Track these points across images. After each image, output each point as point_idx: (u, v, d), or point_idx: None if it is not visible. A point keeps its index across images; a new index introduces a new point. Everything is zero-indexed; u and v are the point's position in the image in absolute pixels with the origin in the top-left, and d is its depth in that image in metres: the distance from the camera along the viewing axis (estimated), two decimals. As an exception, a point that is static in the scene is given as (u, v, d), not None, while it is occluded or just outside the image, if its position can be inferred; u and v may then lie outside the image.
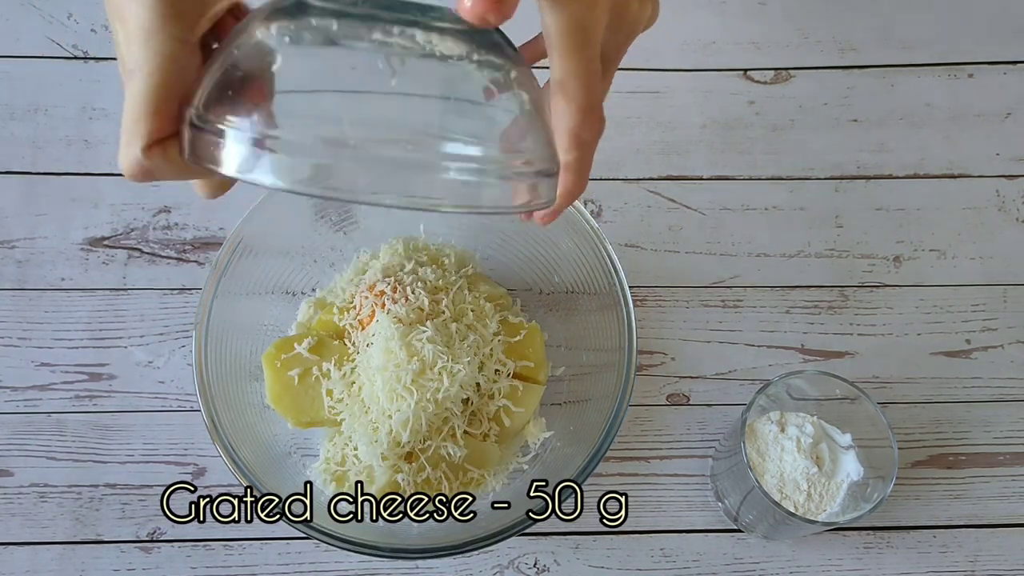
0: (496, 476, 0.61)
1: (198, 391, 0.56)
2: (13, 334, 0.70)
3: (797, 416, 0.64)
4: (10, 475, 0.66)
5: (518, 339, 0.62)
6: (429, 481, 0.59)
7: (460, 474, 0.60)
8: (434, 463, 0.59)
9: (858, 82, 0.81)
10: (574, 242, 0.62)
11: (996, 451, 0.69)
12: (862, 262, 0.75)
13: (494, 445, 0.62)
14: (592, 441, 0.56)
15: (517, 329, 0.63)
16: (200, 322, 0.57)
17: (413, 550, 0.53)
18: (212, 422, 0.55)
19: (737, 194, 0.76)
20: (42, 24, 0.80)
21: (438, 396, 0.57)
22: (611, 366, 0.59)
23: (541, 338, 0.64)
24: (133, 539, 0.65)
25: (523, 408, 0.61)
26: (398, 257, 0.64)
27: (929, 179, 0.78)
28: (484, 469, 0.61)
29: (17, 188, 0.74)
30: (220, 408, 0.56)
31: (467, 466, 0.60)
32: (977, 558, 0.66)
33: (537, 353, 0.63)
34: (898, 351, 0.72)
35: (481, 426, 0.61)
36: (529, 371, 0.63)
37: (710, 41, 0.81)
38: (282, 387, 0.60)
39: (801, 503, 0.60)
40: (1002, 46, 0.82)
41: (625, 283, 0.60)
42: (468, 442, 0.60)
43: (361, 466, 0.58)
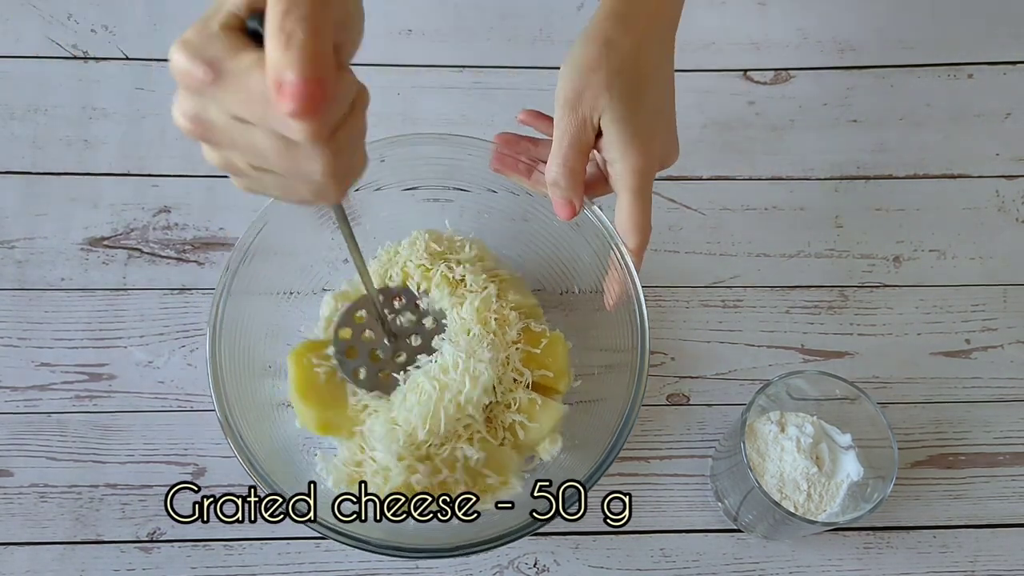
0: (514, 482, 0.60)
1: (212, 390, 0.55)
2: (13, 334, 0.70)
3: (797, 416, 0.64)
4: (10, 475, 0.66)
5: (539, 349, 0.61)
6: (445, 484, 0.58)
7: (478, 480, 0.59)
8: (450, 465, 0.58)
9: (858, 82, 0.81)
10: (588, 243, 0.62)
11: (996, 451, 0.69)
12: (862, 262, 0.75)
13: (512, 451, 0.61)
14: (603, 443, 0.55)
15: (539, 338, 0.62)
16: (214, 322, 0.57)
17: (414, 549, 0.52)
18: (226, 419, 0.55)
19: (737, 194, 0.76)
20: (42, 24, 0.80)
21: (460, 399, 0.57)
22: (623, 367, 0.58)
23: (564, 348, 0.63)
24: (133, 539, 0.65)
25: (538, 424, 0.60)
26: (419, 256, 0.64)
27: (929, 179, 0.78)
28: (502, 475, 0.59)
29: (17, 188, 0.74)
30: (233, 406, 0.56)
31: (485, 471, 0.59)
32: (977, 558, 0.66)
33: (558, 363, 0.62)
34: (898, 351, 0.72)
35: (497, 434, 0.60)
36: (548, 381, 0.61)
37: (710, 41, 0.81)
38: (307, 384, 0.60)
39: (801, 503, 0.60)
40: (1002, 46, 0.82)
41: (639, 284, 0.58)
42: (485, 446, 0.59)
43: (377, 466, 0.58)
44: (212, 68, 0.35)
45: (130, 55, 0.79)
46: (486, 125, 0.77)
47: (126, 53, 0.79)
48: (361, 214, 0.66)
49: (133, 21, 0.80)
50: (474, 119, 0.78)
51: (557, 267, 0.67)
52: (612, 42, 0.52)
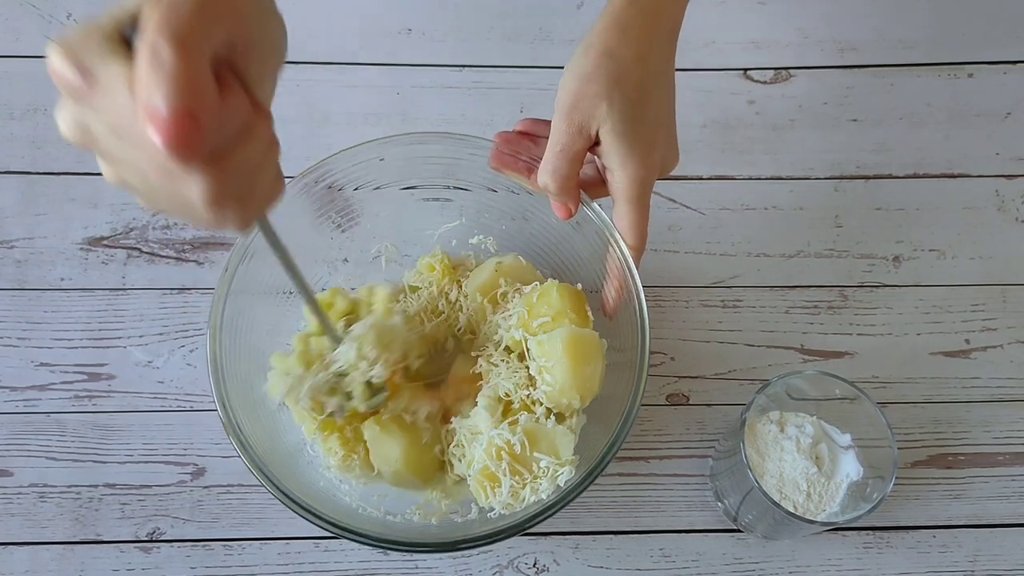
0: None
1: (213, 390, 0.55)
2: (13, 334, 0.70)
3: (797, 416, 0.64)
4: (10, 475, 0.66)
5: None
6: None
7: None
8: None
9: (858, 82, 0.81)
10: (589, 242, 0.61)
11: (995, 451, 0.69)
12: (862, 262, 0.75)
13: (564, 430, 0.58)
14: (602, 442, 0.55)
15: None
16: (214, 323, 0.57)
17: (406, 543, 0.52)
18: (228, 418, 0.54)
19: (737, 194, 0.76)
20: (42, 24, 0.80)
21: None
22: (623, 366, 0.58)
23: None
24: (133, 539, 0.65)
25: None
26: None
27: (929, 179, 0.78)
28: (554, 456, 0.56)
29: (17, 188, 0.74)
30: (234, 405, 0.56)
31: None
32: (977, 558, 0.66)
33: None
34: (898, 351, 0.72)
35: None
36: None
37: (710, 41, 0.81)
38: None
39: (801, 503, 0.60)
40: (1002, 46, 0.82)
41: (640, 283, 0.58)
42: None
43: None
44: (84, 75, 0.31)
45: (129, 55, 0.79)
46: (485, 124, 0.77)
47: (125, 53, 0.79)
48: (361, 214, 0.66)
49: (132, 21, 0.80)
50: (473, 118, 0.78)
51: (558, 266, 0.67)
52: (613, 52, 0.52)
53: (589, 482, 0.53)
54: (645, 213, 0.56)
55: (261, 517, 0.65)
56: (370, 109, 0.78)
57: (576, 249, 0.63)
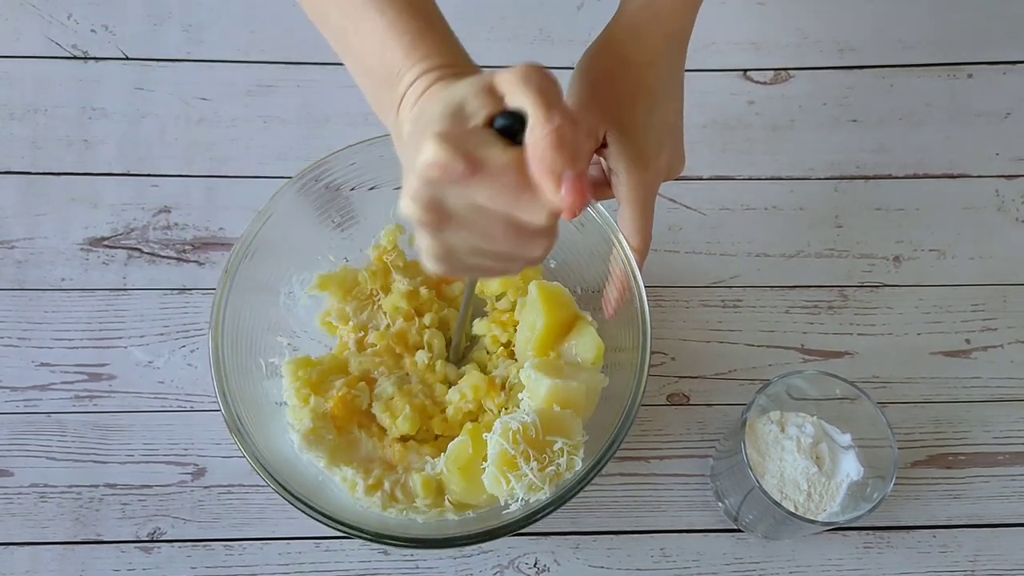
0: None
1: (216, 389, 0.55)
2: (13, 334, 0.70)
3: (797, 416, 0.64)
4: (10, 475, 0.66)
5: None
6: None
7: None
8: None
9: (857, 82, 0.81)
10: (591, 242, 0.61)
11: (995, 451, 0.69)
12: (862, 262, 0.75)
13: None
14: (601, 441, 0.55)
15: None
16: (215, 321, 0.57)
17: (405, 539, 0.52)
18: (233, 418, 0.54)
19: (737, 194, 0.76)
20: (42, 24, 0.80)
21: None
22: (623, 365, 0.58)
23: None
24: (133, 539, 0.65)
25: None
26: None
27: (929, 179, 0.78)
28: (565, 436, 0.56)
29: (17, 188, 0.74)
30: (238, 404, 0.56)
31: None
32: (977, 558, 0.66)
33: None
34: (898, 351, 0.72)
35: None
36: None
37: (709, 41, 0.81)
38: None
39: (801, 503, 0.60)
40: (1002, 46, 0.82)
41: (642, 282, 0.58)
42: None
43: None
44: (471, 163, 0.36)
45: (130, 55, 0.79)
46: (486, 125, 0.77)
47: (126, 53, 0.79)
48: (360, 213, 0.66)
49: (133, 21, 0.80)
50: (474, 119, 0.78)
51: (560, 266, 0.67)
52: (625, 58, 0.52)
53: (588, 481, 0.53)
54: (650, 216, 0.56)
55: (262, 517, 0.65)
56: (370, 109, 0.78)
57: (578, 249, 0.63)
